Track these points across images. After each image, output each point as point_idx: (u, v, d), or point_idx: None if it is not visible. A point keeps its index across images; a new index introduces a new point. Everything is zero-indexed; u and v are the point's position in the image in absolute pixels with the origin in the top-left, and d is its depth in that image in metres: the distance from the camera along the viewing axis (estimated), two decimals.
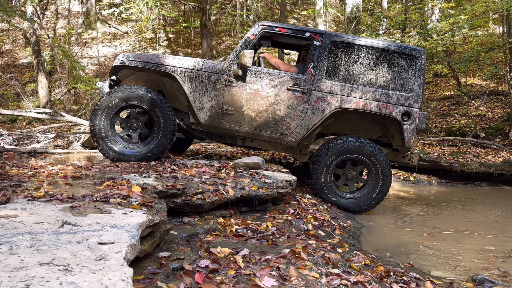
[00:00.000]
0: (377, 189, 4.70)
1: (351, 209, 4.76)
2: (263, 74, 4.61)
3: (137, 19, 16.49)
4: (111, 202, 2.50)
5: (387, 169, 4.67)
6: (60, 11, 19.08)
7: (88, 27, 16.93)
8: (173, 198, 3.20)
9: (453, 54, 12.06)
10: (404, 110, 4.57)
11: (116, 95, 4.49)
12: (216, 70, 4.62)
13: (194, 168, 4.15)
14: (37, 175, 3.38)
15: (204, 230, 3.00)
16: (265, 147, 4.96)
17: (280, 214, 3.67)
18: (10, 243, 1.60)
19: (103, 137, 4.49)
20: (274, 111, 4.61)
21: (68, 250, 1.59)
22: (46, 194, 2.55)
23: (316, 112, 4.59)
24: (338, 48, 4.60)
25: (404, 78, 4.59)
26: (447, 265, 3.29)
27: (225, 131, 4.75)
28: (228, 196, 3.45)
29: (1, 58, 17.33)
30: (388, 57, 4.59)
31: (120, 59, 4.72)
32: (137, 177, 3.45)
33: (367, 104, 4.56)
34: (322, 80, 4.58)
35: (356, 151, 4.62)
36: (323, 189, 4.68)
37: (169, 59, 4.68)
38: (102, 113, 4.48)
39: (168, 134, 4.54)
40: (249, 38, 4.64)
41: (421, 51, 4.66)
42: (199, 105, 4.63)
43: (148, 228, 2.26)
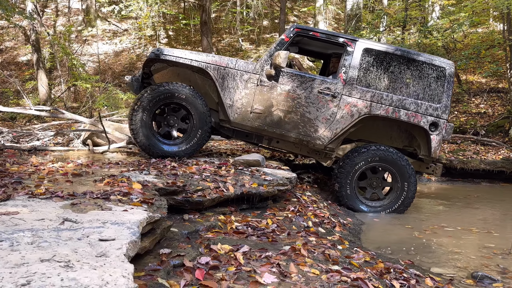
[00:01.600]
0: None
1: None
2: (295, 76, 4.66)
3: (137, 16, 16.45)
4: (112, 199, 2.51)
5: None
6: (60, 9, 19.04)
7: (88, 24, 16.91)
8: (173, 195, 3.20)
9: (453, 51, 12.04)
10: (432, 120, 4.65)
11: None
12: (249, 69, 4.67)
13: (194, 165, 4.15)
14: (37, 172, 3.39)
15: (205, 227, 3.01)
16: (291, 148, 5.00)
17: (280, 211, 3.68)
18: (11, 239, 1.61)
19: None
20: (303, 113, 4.66)
21: (69, 246, 1.60)
22: (46, 191, 2.55)
23: (345, 117, 4.64)
24: (371, 56, 4.67)
25: (434, 89, 4.68)
26: (447, 261, 3.30)
27: (253, 130, 4.78)
28: (228, 193, 3.46)
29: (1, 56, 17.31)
30: (419, 67, 4.69)
31: (155, 52, 4.73)
32: (138, 174, 3.45)
33: (396, 112, 4.62)
34: (353, 85, 4.64)
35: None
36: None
37: (203, 55, 4.73)
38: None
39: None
40: (284, 39, 4.70)
41: (451, 64, 4.75)
42: (229, 103, 4.67)
43: (149, 225, 2.27)
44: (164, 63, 4.83)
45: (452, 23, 11.39)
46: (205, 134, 4.63)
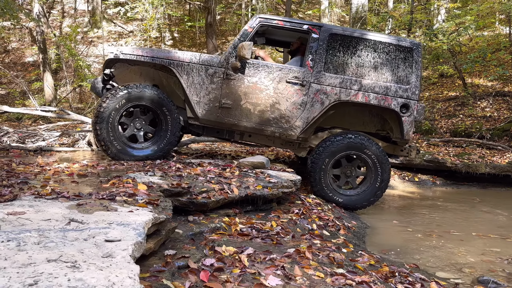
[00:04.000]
0: (377, 183, 4.70)
1: (356, 206, 4.76)
2: (261, 67, 4.57)
3: (142, 18, 16.53)
4: (117, 200, 2.51)
5: (385, 160, 4.67)
6: (66, 10, 19.17)
7: (93, 26, 17.00)
8: (178, 196, 3.21)
9: (459, 54, 12.00)
10: (403, 102, 4.59)
11: (123, 95, 4.34)
12: (213, 63, 4.56)
13: (199, 167, 4.16)
14: (43, 172, 3.41)
15: (209, 228, 3.01)
16: (264, 142, 4.92)
17: (285, 214, 3.68)
18: (18, 239, 1.62)
19: (111, 140, 4.34)
20: (273, 105, 4.57)
21: (75, 247, 1.60)
22: (52, 192, 2.57)
23: (315, 105, 4.57)
24: (336, 41, 4.59)
25: (402, 70, 4.61)
26: (452, 266, 3.28)
27: (223, 126, 4.68)
28: (233, 195, 3.46)
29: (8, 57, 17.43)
30: (385, 49, 4.60)
31: (114, 52, 4.60)
32: (143, 175, 3.46)
33: (366, 96, 4.56)
34: (321, 72, 4.56)
35: (356, 146, 4.61)
36: (323, 188, 4.66)
37: (165, 52, 4.61)
38: (109, 115, 4.32)
39: (176, 132, 4.53)
40: (247, 30, 4.59)
41: (418, 44, 4.70)
42: (196, 99, 4.56)
43: (154, 226, 2.27)
44: (125, 63, 4.70)
45: (458, 26, 11.36)
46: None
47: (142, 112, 4.55)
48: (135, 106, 4.46)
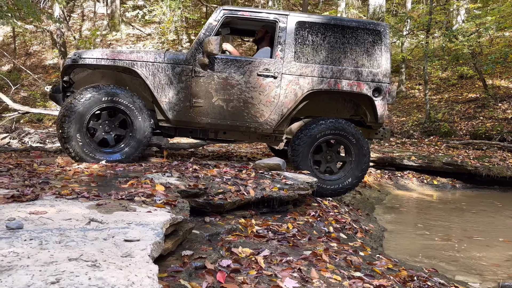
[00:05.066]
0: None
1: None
2: (231, 61, 4.44)
3: (160, 21, 16.72)
4: (136, 200, 2.55)
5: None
6: (85, 13, 19.52)
7: (112, 28, 17.27)
8: (195, 197, 3.23)
9: (480, 55, 11.77)
10: (375, 86, 4.56)
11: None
12: (179, 61, 4.40)
13: (215, 168, 4.18)
14: (63, 173, 3.47)
15: (226, 230, 3.02)
16: (239, 137, 4.84)
17: (301, 216, 3.66)
18: (40, 238, 1.65)
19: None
20: (246, 99, 4.47)
21: (95, 246, 1.63)
22: (73, 192, 2.61)
23: (289, 96, 4.50)
24: (305, 29, 4.52)
25: (372, 54, 4.58)
26: (472, 271, 3.22)
27: (196, 125, 4.56)
28: (249, 197, 3.46)
29: (29, 59, 17.84)
30: (353, 34, 4.56)
31: (72, 57, 4.35)
32: (160, 176, 3.49)
33: (338, 83, 4.52)
34: (291, 62, 4.48)
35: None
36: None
37: (126, 53, 4.42)
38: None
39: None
40: (212, 24, 4.46)
41: (385, 25, 4.69)
42: (165, 100, 4.40)
43: (172, 227, 2.29)
44: (85, 67, 4.47)
45: (478, 27, 11.14)
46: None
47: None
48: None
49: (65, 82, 4.54)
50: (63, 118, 4.12)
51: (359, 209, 4.81)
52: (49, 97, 4.82)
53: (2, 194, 2.45)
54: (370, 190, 6.13)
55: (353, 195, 5.39)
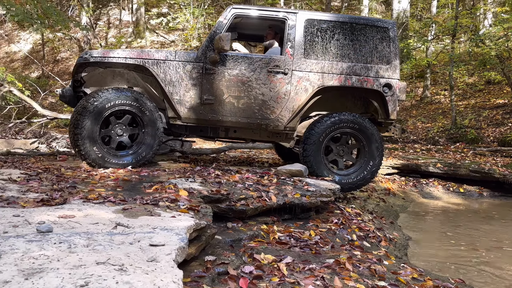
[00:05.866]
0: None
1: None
2: (241, 58, 4.49)
3: (183, 28, 16.98)
4: (160, 205, 2.58)
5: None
6: (111, 21, 20.02)
7: (137, 36, 17.63)
8: (217, 203, 3.25)
9: (508, 60, 11.46)
10: (385, 82, 4.60)
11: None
12: (191, 59, 4.44)
13: (237, 174, 4.20)
14: (90, 177, 3.56)
15: (248, 236, 3.03)
16: (250, 136, 4.83)
17: (323, 223, 3.63)
18: (69, 241, 1.70)
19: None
20: (257, 96, 4.49)
21: (122, 250, 1.66)
22: (99, 196, 2.67)
23: (299, 93, 4.53)
24: (314, 26, 4.57)
25: (380, 50, 4.64)
26: (500, 282, 3.12)
27: (207, 123, 4.57)
28: (271, 203, 3.46)
29: (57, 66, 18.38)
30: (362, 31, 4.62)
31: (84, 56, 4.38)
32: (184, 181, 3.54)
33: (348, 79, 4.55)
34: (301, 59, 4.53)
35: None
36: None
37: (138, 51, 4.47)
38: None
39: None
40: (222, 22, 4.50)
41: (393, 23, 4.77)
42: (176, 98, 4.43)
43: (195, 232, 2.31)
44: (96, 66, 4.44)
45: (506, 31, 10.86)
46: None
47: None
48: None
49: (76, 82, 4.58)
50: (73, 126, 4.10)
51: (383, 217, 4.74)
52: (59, 98, 4.86)
53: (33, 198, 2.53)
54: (394, 198, 6.03)
55: (376, 202, 5.32)
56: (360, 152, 4.69)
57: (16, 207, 2.28)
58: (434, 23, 12.57)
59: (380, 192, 6.06)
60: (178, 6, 17.70)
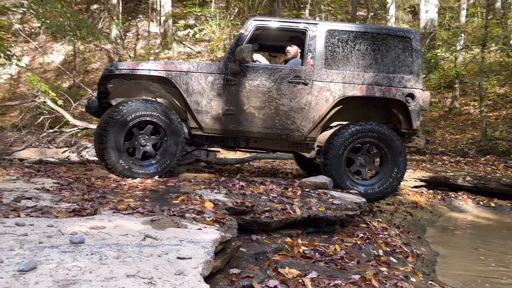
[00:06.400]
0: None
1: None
2: (262, 69, 4.55)
3: (209, 39, 17.25)
4: (187, 217, 2.63)
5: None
6: (140, 33, 20.54)
7: (165, 47, 18.02)
8: (242, 215, 3.28)
9: None
10: (408, 92, 4.57)
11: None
12: (212, 70, 4.53)
13: (261, 185, 4.22)
14: (119, 187, 3.65)
15: (272, 249, 3.03)
16: (270, 146, 4.85)
17: (349, 237, 3.60)
18: (100, 253, 1.75)
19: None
20: (278, 106, 4.54)
21: (151, 263, 1.71)
22: (128, 207, 2.74)
23: (320, 103, 4.55)
24: (334, 37, 4.60)
25: (403, 60, 4.63)
26: None
27: (228, 133, 4.63)
28: (295, 216, 3.46)
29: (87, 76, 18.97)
30: (384, 41, 4.63)
31: (109, 68, 4.51)
32: (209, 192, 3.58)
33: (370, 89, 4.56)
34: (322, 69, 4.55)
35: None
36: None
37: (161, 63, 4.60)
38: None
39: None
40: (243, 34, 4.56)
41: (415, 32, 4.76)
42: (198, 108, 4.50)
43: (221, 245, 2.34)
44: (121, 78, 4.57)
45: None
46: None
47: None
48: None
49: (101, 93, 4.71)
50: (99, 137, 4.20)
51: (410, 231, 4.65)
52: (85, 109, 5.01)
53: (65, 208, 2.62)
54: (421, 211, 5.89)
55: (403, 216, 5.21)
56: (383, 160, 4.67)
57: (50, 217, 2.37)
58: (463, 33, 12.33)
59: (407, 205, 5.94)
60: (205, 17, 18.01)
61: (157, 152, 4.44)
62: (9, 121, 16.28)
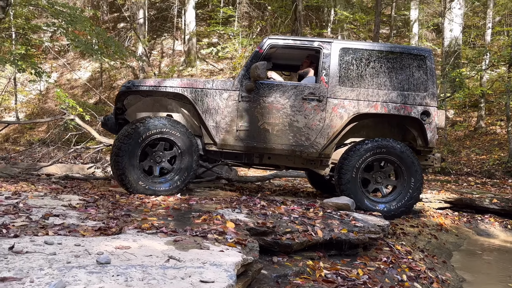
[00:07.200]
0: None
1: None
2: (276, 86, 4.61)
3: (232, 57, 17.52)
4: (209, 237, 2.65)
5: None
6: (165, 51, 21.04)
7: (188, 64, 18.39)
8: (263, 235, 3.27)
9: None
10: (423, 110, 4.59)
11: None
12: (227, 87, 4.59)
13: (282, 205, 4.21)
14: (143, 205, 3.71)
15: (293, 272, 3.00)
16: (284, 162, 4.85)
17: (372, 261, 3.53)
18: (125, 274, 1.78)
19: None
20: (292, 123, 4.58)
21: (174, 285, 1.72)
22: (152, 226, 2.78)
23: (334, 120, 4.59)
24: (348, 55, 4.66)
25: (417, 78, 4.65)
26: None
27: (242, 149, 4.64)
28: (317, 238, 3.43)
29: (113, 92, 19.46)
30: (398, 59, 4.67)
31: (126, 85, 4.62)
32: (230, 212, 3.60)
33: (384, 107, 4.58)
34: (336, 87, 4.60)
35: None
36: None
37: (177, 80, 4.67)
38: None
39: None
40: (258, 52, 4.65)
41: (429, 50, 4.79)
42: (213, 124, 4.57)
43: (242, 267, 2.34)
44: (137, 94, 4.67)
45: None
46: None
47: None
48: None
49: (118, 109, 4.82)
50: (115, 154, 4.24)
51: (435, 255, 4.53)
52: (101, 125, 5.14)
53: (91, 226, 2.68)
54: (447, 234, 5.74)
55: (428, 239, 5.09)
56: (398, 176, 4.65)
57: (77, 235, 2.43)
58: (489, 52, 12.14)
59: (431, 227, 5.80)
60: (228, 36, 18.35)
61: (172, 170, 4.46)
62: (36, 136, 16.81)
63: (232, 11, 18.13)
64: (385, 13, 17.36)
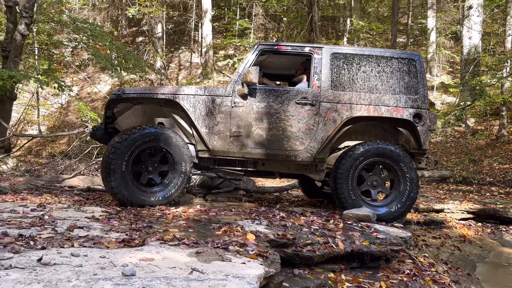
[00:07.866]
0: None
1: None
2: (269, 91, 4.60)
3: None
4: (230, 249, 2.66)
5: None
6: (182, 63, 21.35)
7: (205, 77, 18.61)
8: (283, 247, 3.26)
9: None
10: (415, 112, 4.64)
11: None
12: (220, 93, 4.58)
13: (302, 216, 4.19)
14: (164, 216, 3.75)
15: (315, 284, 2.98)
16: (278, 168, 4.82)
17: (394, 274, 3.48)
18: (150, 286, 1.81)
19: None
20: (285, 127, 4.56)
21: None
22: (174, 238, 2.81)
23: (328, 123, 4.59)
24: (339, 59, 4.71)
25: (408, 81, 4.72)
26: None
27: (235, 155, 4.60)
28: (338, 250, 3.40)
29: None
30: (388, 63, 4.73)
31: (117, 93, 4.55)
32: (250, 223, 3.60)
33: (377, 109, 4.62)
34: (329, 91, 4.63)
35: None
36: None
37: (168, 88, 4.66)
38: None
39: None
40: (250, 58, 4.66)
41: (418, 55, 4.86)
42: (206, 130, 4.53)
43: (264, 280, 2.34)
44: (128, 102, 4.59)
45: None
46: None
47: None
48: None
49: (107, 118, 4.74)
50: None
51: (459, 267, 4.44)
52: (90, 135, 5.09)
53: (114, 238, 2.72)
54: (470, 246, 5.62)
55: (451, 251, 5.00)
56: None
57: (101, 247, 2.47)
58: (510, 59, 11.93)
59: (454, 238, 5.69)
60: (244, 48, 18.52)
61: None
62: (58, 148, 17.18)
63: (248, 23, 18.35)
64: (401, 21, 17.29)
